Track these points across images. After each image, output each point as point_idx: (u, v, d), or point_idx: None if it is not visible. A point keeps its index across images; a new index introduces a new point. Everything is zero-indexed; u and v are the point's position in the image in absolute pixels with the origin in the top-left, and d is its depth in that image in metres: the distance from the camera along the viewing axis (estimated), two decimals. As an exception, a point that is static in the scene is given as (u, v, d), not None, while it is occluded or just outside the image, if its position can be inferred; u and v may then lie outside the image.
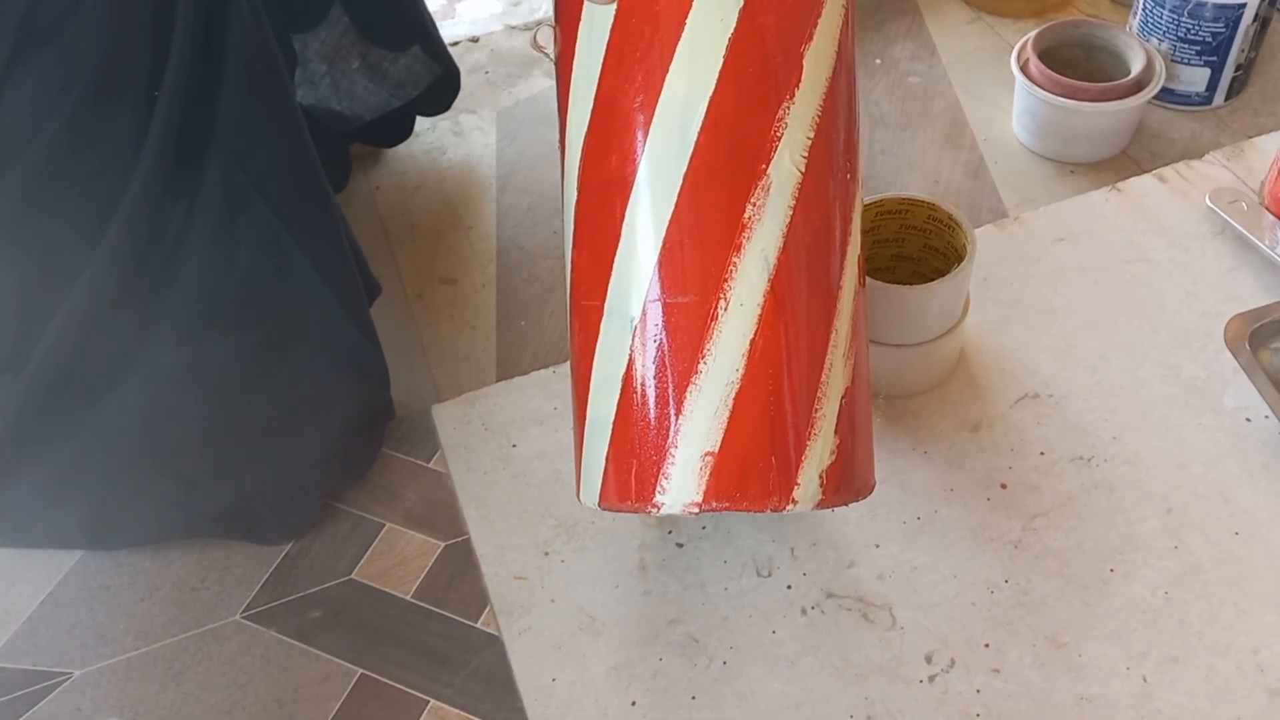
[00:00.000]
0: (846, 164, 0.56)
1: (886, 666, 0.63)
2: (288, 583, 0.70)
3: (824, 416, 0.55)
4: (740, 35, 0.52)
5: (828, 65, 0.54)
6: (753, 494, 0.54)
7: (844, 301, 0.56)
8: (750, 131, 0.53)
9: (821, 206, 0.55)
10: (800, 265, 0.54)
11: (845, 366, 0.56)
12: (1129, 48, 0.91)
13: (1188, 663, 0.63)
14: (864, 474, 0.59)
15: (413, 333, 0.84)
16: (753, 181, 0.53)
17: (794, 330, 0.54)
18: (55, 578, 0.70)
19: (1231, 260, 0.81)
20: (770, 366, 0.54)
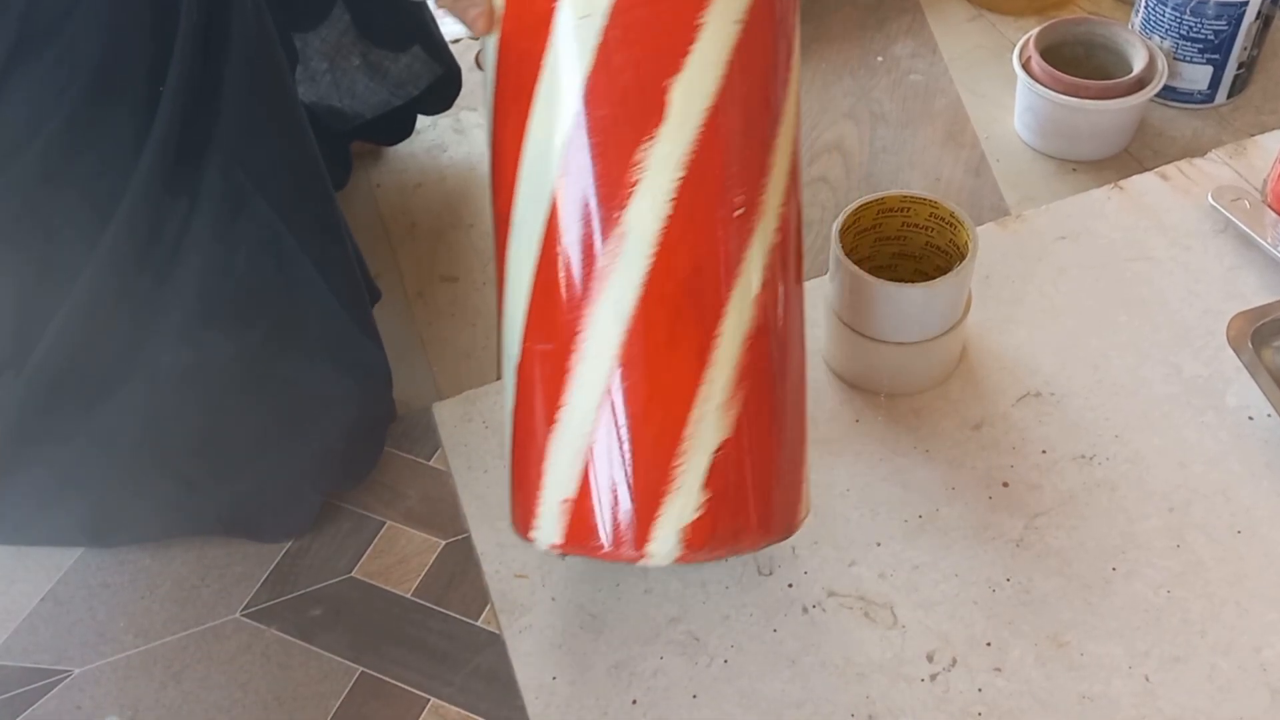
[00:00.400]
0: (737, 200, 0.51)
1: (888, 665, 0.63)
2: (288, 581, 0.69)
3: (685, 472, 0.53)
4: (596, 74, 0.48)
5: (704, 96, 0.49)
6: (603, 545, 0.54)
7: (724, 350, 0.52)
8: (607, 176, 0.49)
9: (695, 252, 0.50)
10: (661, 315, 0.51)
11: (722, 418, 0.52)
12: (1131, 45, 0.91)
13: (1190, 661, 0.62)
14: (762, 522, 0.55)
15: (413, 331, 0.84)
16: (608, 228, 0.50)
17: (651, 382, 0.52)
18: (55, 576, 0.70)
19: (1233, 258, 0.81)
20: (623, 419, 0.52)
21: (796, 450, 0.58)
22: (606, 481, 0.53)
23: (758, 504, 0.55)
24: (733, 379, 0.52)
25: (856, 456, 0.72)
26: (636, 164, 0.49)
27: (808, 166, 0.93)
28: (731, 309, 0.52)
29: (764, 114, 0.51)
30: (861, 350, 0.73)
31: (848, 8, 1.07)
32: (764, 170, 0.51)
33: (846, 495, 0.70)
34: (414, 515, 0.72)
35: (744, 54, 0.49)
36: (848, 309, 0.73)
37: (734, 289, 0.52)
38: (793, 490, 0.58)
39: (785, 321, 0.55)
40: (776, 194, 0.52)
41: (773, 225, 0.52)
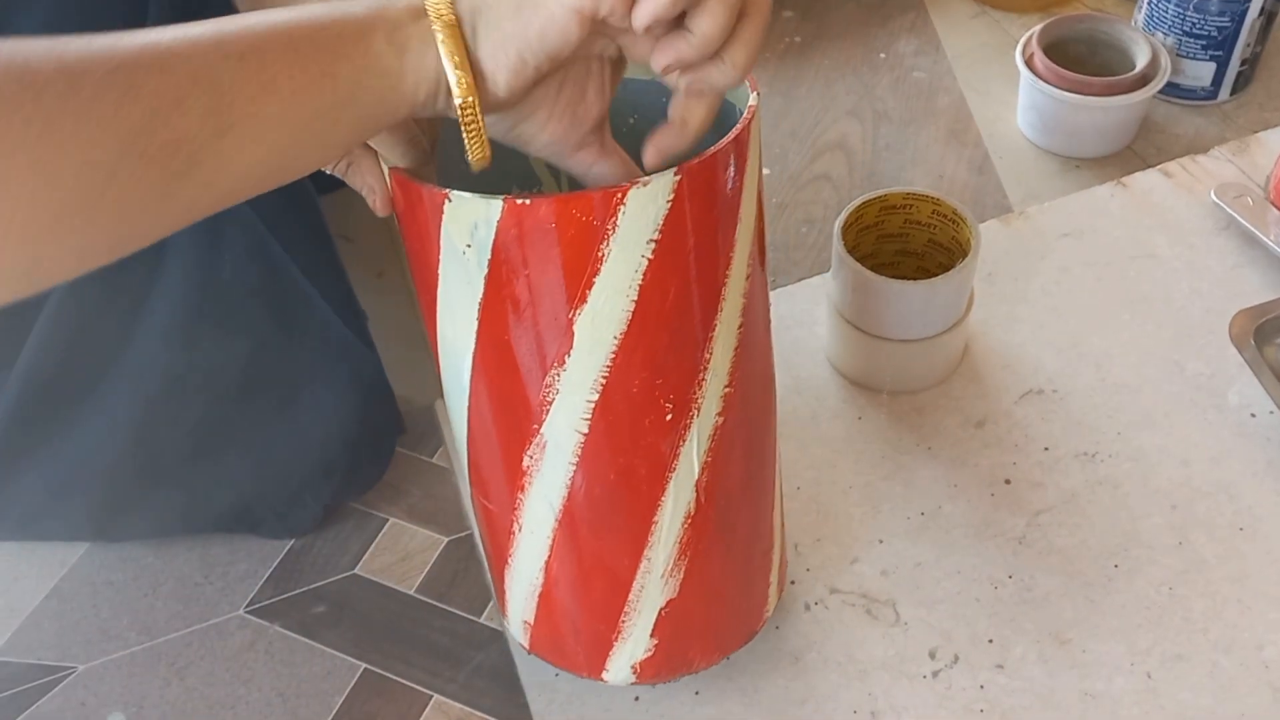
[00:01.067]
0: (666, 405, 0.48)
1: (890, 662, 0.63)
2: (291, 578, 0.70)
3: (634, 625, 0.56)
4: (489, 302, 0.45)
5: (615, 323, 0.45)
6: (564, 663, 0.59)
7: (661, 533, 0.52)
8: (517, 392, 0.48)
9: (618, 460, 0.49)
10: (592, 513, 0.51)
11: (665, 585, 0.54)
12: (1134, 42, 0.91)
13: (1192, 659, 0.62)
14: (716, 646, 0.59)
15: (417, 328, 0.84)
16: (527, 438, 0.49)
17: (590, 562, 0.53)
18: (59, 573, 0.71)
19: (1237, 256, 0.81)
20: (565, 584, 0.55)
21: (755, 574, 0.59)
22: (559, 623, 0.58)
23: (708, 638, 0.59)
24: (673, 553, 0.53)
25: (859, 454, 0.72)
26: (547, 386, 0.47)
27: (810, 164, 0.93)
28: (668, 499, 0.51)
29: (694, 317, 0.47)
30: (864, 348, 0.73)
31: (850, 5, 1.07)
32: (699, 368, 0.48)
33: (849, 493, 0.70)
34: (417, 512, 0.72)
35: (661, 271, 0.45)
36: (850, 306, 0.73)
37: (670, 482, 0.51)
38: (751, 608, 0.60)
39: (738, 485, 0.54)
40: (718, 380, 0.49)
41: (714, 411, 0.50)
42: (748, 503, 0.56)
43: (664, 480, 0.51)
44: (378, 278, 0.87)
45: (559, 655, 0.59)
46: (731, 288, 0.48)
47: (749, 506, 0.56)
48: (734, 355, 0.50)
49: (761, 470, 0.56)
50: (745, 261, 0.49)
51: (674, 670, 0.59)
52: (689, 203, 0.44)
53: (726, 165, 0.45)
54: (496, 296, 0.45)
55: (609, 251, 0.43)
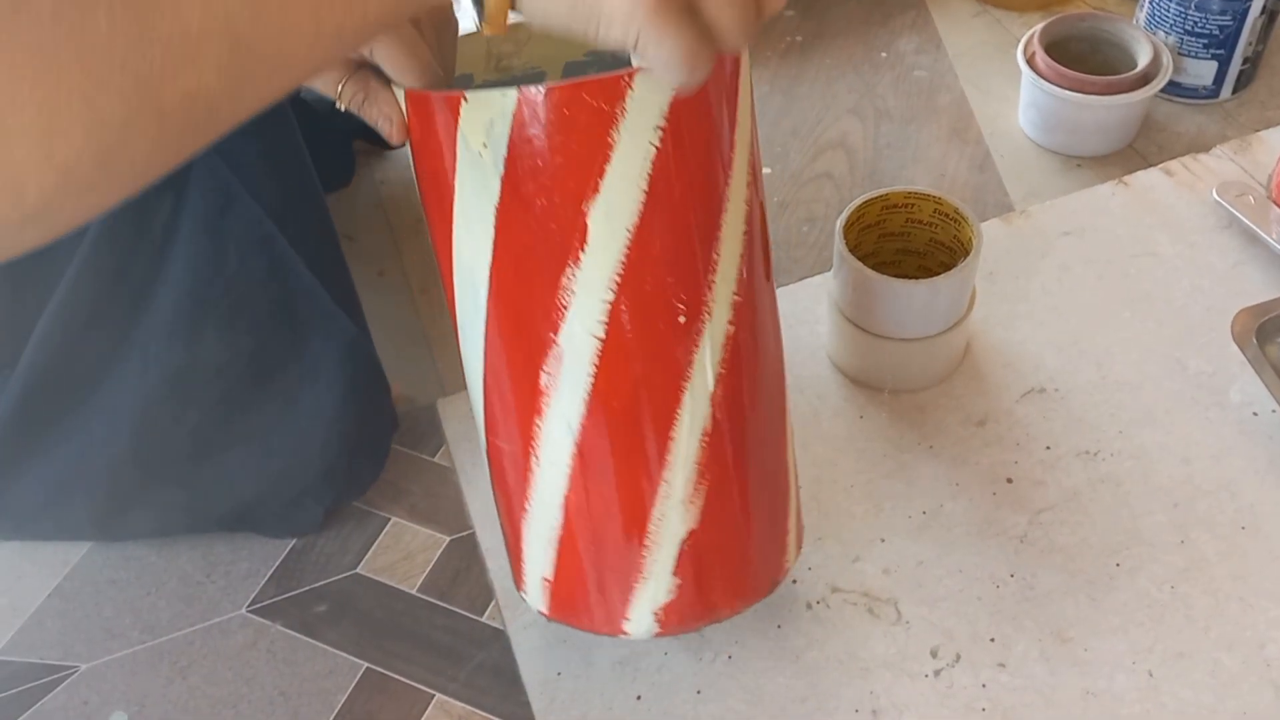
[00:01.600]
0: (679, 307, 0.49)
1: (892, 661, 0.63)
2: (293, 577, 0.70)
3: (655, 562, 0.54)
4: (505, 205, 0.46)
5: (627, 214, 0.46)
6: (584, 620, 0.58)
7: (680, 452, 0.52)
8: (534, 300, 0.48)
9: (637, 368, 0.50)
10: (610, 429, 0.51)
11: (686, 513, 0.53)
12: (1135, 41, 0.91)
13: (1193, 657, 0.62)
14: (738, 593, 0.57)
15: (418, 326, 0.84)
16: (544, 350, 0.49)
17: (609, 487, 0.53)
18: (62, 572, 0.71)
19: (1238, 254, 0.81)
20: (585, 519, 0.54)
21: (774, 514, 0.58)
22: (579, 570, 0.56)
23: (731, 580, 0.57)
24: (692, 476, 0.53)
25: (860, 453, 0.72)
26: (563, 289, 0.48)
27: (811, 162, 0.93)
28: (684, 412, 0.51)
29: (701, 214, 0.48)
30: (865, 346, 0.73)
31: (851, 4, 1.07)
32: (708, 268, 0.49)
33: (850, 491, 0.70)
34: (419, 511, 0.72)
35: (668, 161, 0.46)
36: (851, 305, 0.73)
37: (685, 392, 0.51)
38: (772, 552, 0.58)
39: (751, 404, 0.54)
40: (727, 285, 0.50)
41: (724, 318, 0.51)
42: (764, 429, 0.55)
43: (679, 390, 0.51)
44: (379, 276, 0.87)
45: (581, 613, 0.57)
46: (734, 190, 0.49)
47: (765, 434, 0.55)
48: (740, 262, 0.51)
49: (774, 397, 0.56)
50: (745, 169, 0.50)
51: (698, 616, 0.57)
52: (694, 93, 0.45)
53: (723, 63, 0.47)
54: (513, 198, 0.46)
55: (618, 138, 0.45)
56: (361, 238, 0.90)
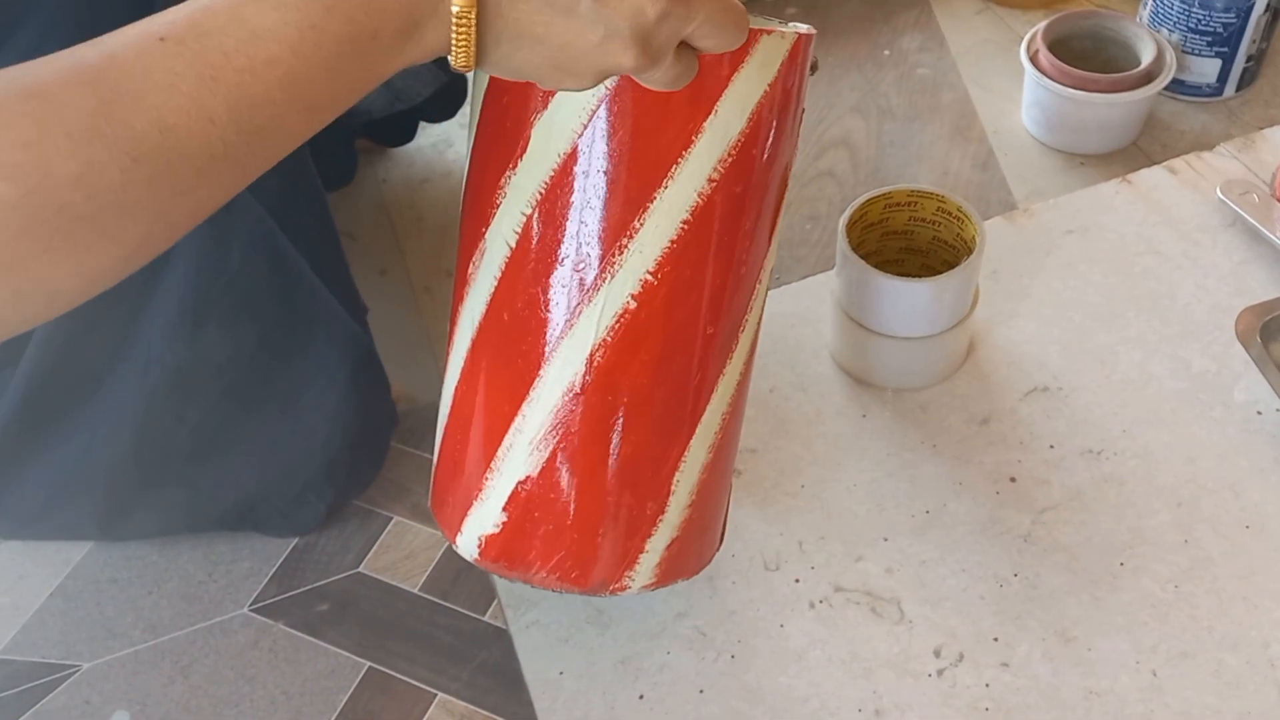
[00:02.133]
0: (585, 254, 0.50)
1: (895, 660, 0.63)
2: (295, 576, 0.70)
3: (493, 488, 0.54)
4: (486, 111, 0.51)
5: (563, 138, 0.48)
6: (440, 516, 0.59)
7: (542, 391, 0.52)
8: (481, 198, 0.52)
9: (529, 289, 0.51)
10: (497, 338, 0.53)
11: (530, 456, 0.53)
12: (1139, 39, 0.91)
13: (1197, 657, 0.62)
14: (555, 565, 0.55)
15: (420, 325, 0.84)
16: (475, 243, 0.53)
17: (481, 394, 0.54)
18: (64, 571, 0.71)
19: (1243, 253, 0.81)
20: (461, 415, 0.56)
21: (626, 519, 0.55)
22: (446, 464, 0.58)
23: (551, 544, 0.55)
24: (546, 423, 0.53)
25: (863, 452, 0.72)
26: (499, 190, 0.51)
27: (814, 160, 0.93)
28: (556, 357, 0.52)
29: (632, 174, 0.49)
30: (868, 345, 0.73)
31: (854, 2, 1.06)
32: (623, 231, 0.50)
33: (853, 490, 0.70)
34: (420, 510, 0.72)
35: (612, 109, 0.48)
36: (854, 304, 0.72)
37: (564, 338, 0.51)
38: (610, 553, 0.56)
39: (634, 395, 0.52)
40: (641, 260, 0.50)
41: (627, 290, 0.50)
42: (642, 435, 0.54)
43: (560, 331, 0.52)
44: (381, 275, 0.87)
45: (441, 509, 0.58)
46: (683, 173, 0.49)
47: (643, 441, 0.54)
48: (668, 248, 0.50)
49: (670, 415, 0.54)
50: (708, 168, 0.49)
51: (514, 563, 0.55)
52: None
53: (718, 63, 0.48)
54: (492, 105, 0.51)
55: None
56: (363, 237, 0.90)
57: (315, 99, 0.39)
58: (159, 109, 0.36)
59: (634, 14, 0.40)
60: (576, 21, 0.40)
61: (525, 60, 0.41)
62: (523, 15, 0.40)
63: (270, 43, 0.37)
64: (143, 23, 0.37)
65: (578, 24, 0.40)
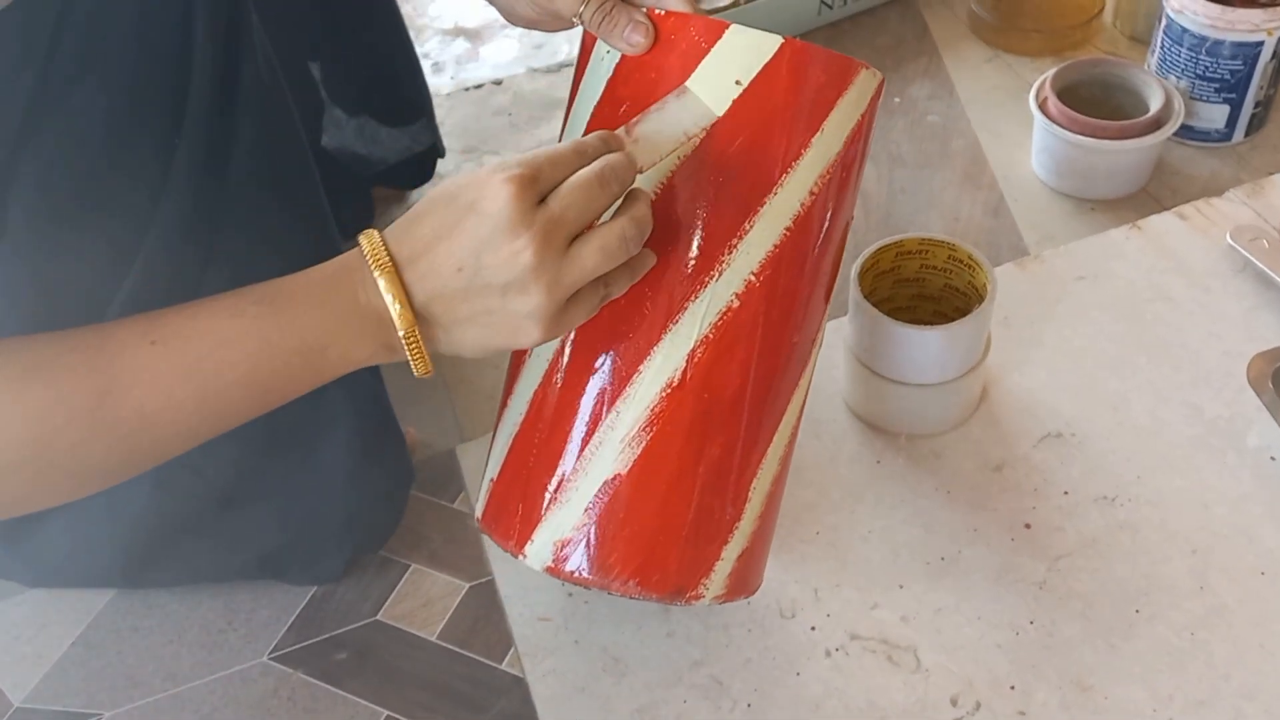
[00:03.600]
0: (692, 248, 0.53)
1: (911, 709, 0.63)
2: (314, 624, 0.70)
3: (576, 489, 0.54)
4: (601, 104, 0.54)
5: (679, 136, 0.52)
6: (501, 530, 0.57)
7: (639, 387, 0.53)
8: None
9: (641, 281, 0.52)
10: (595, 334, 0.54)
11: (621, 453, 0.54)
12: (1147, 85, 0.92)
13: (1215, 705, 0.62)
14: (637, 569, 0.55)
15: (437, 373, 0.84)
16: None
17: (570, 392, 0.55)
18: (85, 620, 0.71)
19: (1253, 299, 0.81)
20: (541, 421, 0.56)
21: (711, 523, 0.56)
22: (516, 474, 0.57)
23: (634, 549, 0.55)
24: (641, 419, 0.54)
25: (878, 498, 0.73)
26: None
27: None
28: (658, 352, 0.53)
29: (746, 181, 0.52)
30: (881, 392, 0.74)
31: (864, 50, 1.08)
32: (735, 232, 0.52)
33: (868, 538, 0.71)
34: (438, 558, 0.73)
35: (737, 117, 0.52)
36: (867, 351, 0.73)
37: (667, 331, 0.53)
38: (692, 558, 0.56)
39: (726, 388, 0.54)
40: (749, 258, 0.53)
41: (732, 288, 0.53)
42: (731, 430, 0.55)
43: (663, 328, 0.53)
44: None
45: (502, 521, 0.57)
46: (790, 184, 0.53)
47: (731, 436, 0.55)
48: (771, 252, 0.53)
49: (756, 417, 0.56)
50: (811, 180, 0.54)
51: (592, 567, 0.55)
52: (782, 78, 0.52)
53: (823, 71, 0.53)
54: (609, 98, 0.54)
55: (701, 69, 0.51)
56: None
57: (269, 393, 0.49)
58: (142, 400, 0.46)
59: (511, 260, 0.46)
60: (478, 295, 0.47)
61: (475, 344, 0.49)
62: (455, 321, 0.48)
63: (233, 349, 0.47)
64: (140, 323, 0.48)
65: (481, 295, 0.47)
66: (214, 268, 0.61)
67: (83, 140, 0.57)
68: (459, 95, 1.08)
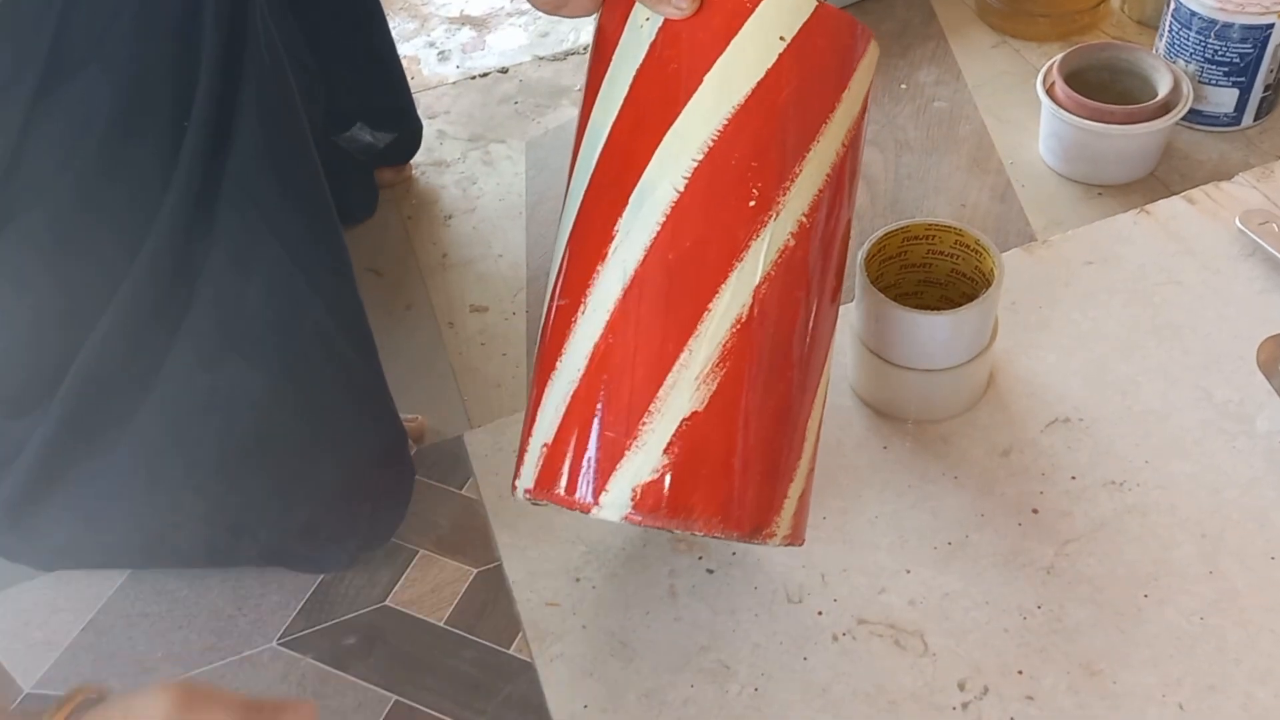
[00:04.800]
0: (754, 190, 0.55)
1: (919, 694, 0.63)
2: (323, 610, 0.70)
3: (652, 432, 0.54)
4: (645, 68, 0.55)
5: (736, 94, 0.54)
6: (568, 488, 0.56)
7: (711, 326, 0.54)
8: (637, 148, 0.55)
9: (698, 229, 0.54)
10: (659, 280, 0.54)
11: (696, 391, 0.54)
12: (1155, 70, 0.91)
13: (1225, 690, 0.62)
14: (720, 506, 0.55)
15: (444, 360, 0.85)
16: (626, 196, 0.55)
17: (635, 340, 0.54)
18: (95, 606, 0.72)
19: (1263, 282, 0.81)
20: (606, 372, 0.55)
21: (780, 458, 0.57)
22: (579, 428, 0.56)
23: (715, 486, 0.55)
24: (714, 356, 0.54)
25: (885, 484, 0.72)
26: (664, 141, 0.54)
27: (833, 194, 0.94)
28: (726, 289, 0.54)
29: (796, 129, 0.55)
30: (888, 378, 0.74)
31: (871, 36, 1.08)
32: (788, 175, 0.55)
33: (875, 522, 0.71)
34: (446, 544, 0.73)
35: (783, 69, 0.54)
36: (874, 336, 0.73)
37: (734, 270, 0.54)
38: (766, 493, 0.56)
39: (786, 323, 0.56)
40: (800, 199, 0.56)
41: (788, 228, 0.55)
42: (792, 368, 0.57)
43: (729, 266, 0.54)
44: (406, 309, 0.88)
45: (565, 480, 0.55)
46: (829, 135, 0.56)
47: (793, 374, 0.57)
48: (817, 195, 0.56)
49: (810, 356, 0.58)
50: (843, 133, 0.57)
51: (673, 510, 0.54)
52: (819, 36, 0.55)
53: (848, 33, 0.56)
54: (652, 61, 0.55)
55: (749, 29, 0.54)
56: (389, 273, 0.91)
57: None
58: None
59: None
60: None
61: None
62: None
63: None
64: None
65: None
66: (216, 252, 0.62)
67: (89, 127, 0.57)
68: (465, 84, 1.08)
